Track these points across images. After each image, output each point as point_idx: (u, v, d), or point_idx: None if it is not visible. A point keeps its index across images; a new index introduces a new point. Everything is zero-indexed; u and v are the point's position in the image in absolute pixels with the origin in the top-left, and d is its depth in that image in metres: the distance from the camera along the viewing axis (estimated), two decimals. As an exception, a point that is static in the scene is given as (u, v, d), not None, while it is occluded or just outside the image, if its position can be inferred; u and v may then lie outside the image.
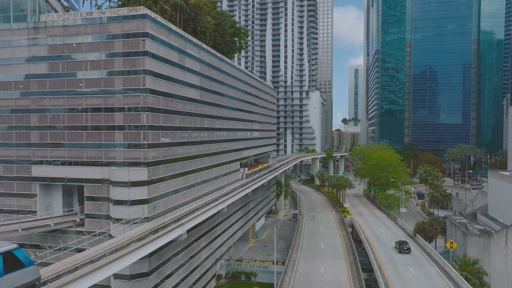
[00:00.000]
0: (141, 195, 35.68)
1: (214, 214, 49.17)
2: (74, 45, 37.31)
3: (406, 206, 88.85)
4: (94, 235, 33.38)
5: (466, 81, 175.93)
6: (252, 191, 65.98)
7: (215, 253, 54.06)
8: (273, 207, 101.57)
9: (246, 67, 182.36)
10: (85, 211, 37.71)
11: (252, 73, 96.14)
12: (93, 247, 28.52)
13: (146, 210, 35.91)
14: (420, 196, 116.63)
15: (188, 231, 39.17)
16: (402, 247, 54.47)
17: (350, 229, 75.26)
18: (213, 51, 54.04)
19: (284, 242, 76.61)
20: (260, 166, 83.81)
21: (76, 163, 37.90)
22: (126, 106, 36.46)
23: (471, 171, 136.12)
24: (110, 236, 34.14)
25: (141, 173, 35.73)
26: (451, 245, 48.81)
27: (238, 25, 70.99)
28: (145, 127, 36.16)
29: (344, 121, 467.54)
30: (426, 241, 59.45)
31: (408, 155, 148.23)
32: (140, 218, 35.29)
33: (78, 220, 38.46)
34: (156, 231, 33.39)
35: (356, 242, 64.88)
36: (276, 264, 54.46)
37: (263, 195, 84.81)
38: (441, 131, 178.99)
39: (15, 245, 17.51)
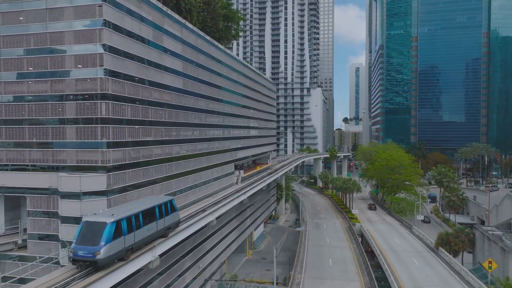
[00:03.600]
0: (98, 209, 27.05)
1: (202, 228, 40.62)
2: (14, 14, 28.72)
3: (419, 211, 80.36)
4: (43, 261, 25.17)
5: (476, 76, 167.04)
6: (249, 197, 57.54)
7: (203, 273, 45.45)
8: (273, 212, 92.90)
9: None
10: (28, 229, 29.11)
11: (247, 58, 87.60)
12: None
13: (105, 229, 27.28)
14: (432, 199, 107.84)
15: (163, 254, 30.63)
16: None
17: (360, 238, 66.81)
18: (200, 33, 45.47)
19: (285, 253, 68.08)
20: (258, 168, 75.20)
21: (17, 168, 29.29)
22: (79, 93, 27.88)
23: (496, 173, 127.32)
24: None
25: (97, 181, 27.14)
26: (490, 265, 40.23)
27: (232, 8, 62.16)
28: (103, 121, 27.56)
29: (345, 120, 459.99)
30: (450, 254, 51.00)
31: (416, 154, 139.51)
32: (97, 240, 26.70)
33: (20, 242, 29.82)
34: (115, 258, 24.83)
35: (367, 253, 56.40)
36: (276, 284, 45.90)
37: (262, 199, 76.21)
38: (449, 130, 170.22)
39: (172, 197, 30.71)
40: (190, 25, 42.76)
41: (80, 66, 27.66)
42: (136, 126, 31.27)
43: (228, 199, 46.03)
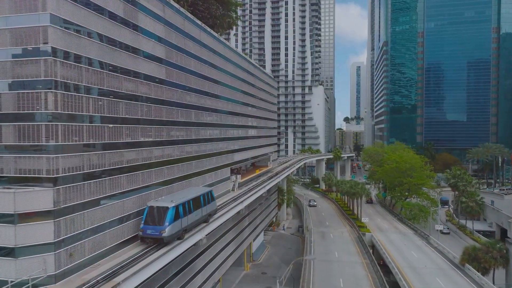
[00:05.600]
0: (41, 236, 20.20)
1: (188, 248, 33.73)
2: None
3: (433, 218, 73.52)
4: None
5: (485, 73, 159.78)
6: (247, 205, 50.70)
7: (193, 298, 38.58)
8: (274, 218, 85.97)
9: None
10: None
11: (246, 54, 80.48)
12: None
13: (51, 262, 20.41)
14: (443, 203, 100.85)
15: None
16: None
17: (371, 249, 59.97)
18: (189, 14, 38.60)
19: (287, 266, 61.21)
20: (257, 172, 68.34)
21: None
22: (18, 80, 20.99)
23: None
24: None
25: (39, 198, 20.24)
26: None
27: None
28: (50, 117, 20.69)
29: (346, 119, 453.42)
30: (478, 272, 44.16)
31: (424, 155, 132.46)
32: (40, 277, 19.86)
33: None
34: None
35: (380, 266, 49.50)
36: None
37: (262, 206, 69.29)
38: (456, 129, 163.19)
39: (211, 188, 36.77)
40: (176, 5, 35.86)
41: (18, 44, 20.76)
42: (100, 125, 24.36)
43: (221, 210, 39.13)
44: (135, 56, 28.43)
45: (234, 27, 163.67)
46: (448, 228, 69.53)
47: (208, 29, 44.17)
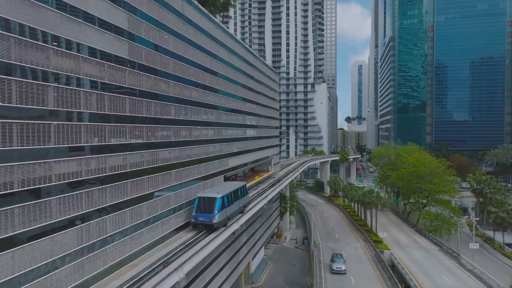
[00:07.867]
0: None
1: None
2: None
3: (458, 230, 64.34)
4: None
5: (499, 70, 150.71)
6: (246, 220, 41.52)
7: None
8: (276, 229, 76.68)
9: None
10: None
11: (244, 42, 71.68)
12: None
13: None
14: (463, 211, 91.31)
15: None
16: None
17: (390, 269, 50.76)
18: (167, -23, 29.40)
19: (291, 289, 52.26)
20: (257, 178, 59.16)
21: None
22: None
23: None
24: None
25: None
26: None
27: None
28: None
29: (348, 119, 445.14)
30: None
31: (436, 157, 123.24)
32: None
33: None
34: None
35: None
36: None
37: (262, 217, 60.07)
38: (469, 129, 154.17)
39: (245, 182, 40.23)
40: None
41: None
42: (19, 121, 15.19)
43: (209, 237, 29.89)
44: (79, 21, 19.28)
45: (232, 19, 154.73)
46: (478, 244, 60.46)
47: (195, 1, 35.03)
